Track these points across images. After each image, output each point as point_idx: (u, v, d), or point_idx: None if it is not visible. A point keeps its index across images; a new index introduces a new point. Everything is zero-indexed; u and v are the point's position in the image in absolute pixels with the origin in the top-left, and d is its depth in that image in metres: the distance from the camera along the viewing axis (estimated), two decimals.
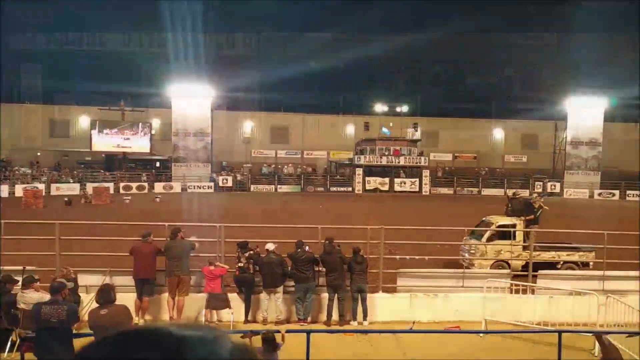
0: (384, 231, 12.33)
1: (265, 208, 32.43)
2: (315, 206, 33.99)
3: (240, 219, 25.82)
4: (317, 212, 30.04)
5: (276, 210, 30.78)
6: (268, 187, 48.93)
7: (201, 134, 49.68)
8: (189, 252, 10.87)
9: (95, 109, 51.40)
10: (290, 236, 18.15)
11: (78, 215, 26.56)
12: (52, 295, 6.84)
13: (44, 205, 31.10)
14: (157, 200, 36.29)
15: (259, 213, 29.15)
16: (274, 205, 35.40)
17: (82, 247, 15.76)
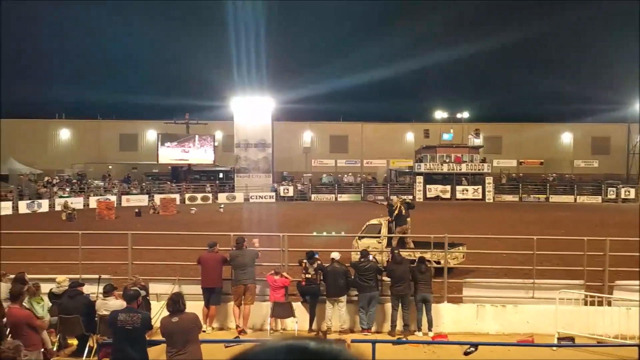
0: (447, 239, 12.10)
1: (327, 217, 32.49)
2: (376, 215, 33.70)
3: (302, 228, 26.01)
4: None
5: (337, 219, 30.77)
6: (328, 197, 49.09)
7: (262, 144, 50.54)
8: (254, 261, 11.04)
9: (161, 122, 53.40)
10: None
11: (147, 226, 27.55)
12: (127, 303, 7.13)
13: (115, 216, 32.50)
14: (221, 210, 37.15)
15: (321, 222, 29.22)
16: (334, 214, 35.43)
17: (152, 256, 16.37)
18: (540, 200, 47.98)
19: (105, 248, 14.53)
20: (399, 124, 61.51)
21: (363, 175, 54.27)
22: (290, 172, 57.25)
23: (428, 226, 27.27)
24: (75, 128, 59.44)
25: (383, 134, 60.33)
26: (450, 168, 49.06)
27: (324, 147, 60.31)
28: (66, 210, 32.38)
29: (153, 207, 36.53)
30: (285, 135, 57.77)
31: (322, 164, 57.05)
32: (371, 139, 60.33)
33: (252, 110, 49.99)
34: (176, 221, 30.82)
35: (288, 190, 48.72)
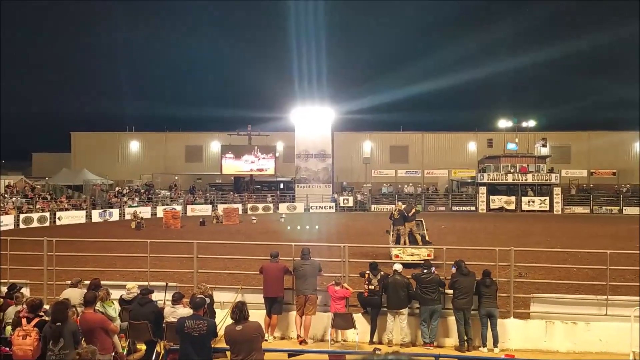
0: (513, 252, 11.73)
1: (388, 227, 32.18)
2: (437, 226, 33.23)
3: (363, 238, 25.92)
4: (440, 232, 29.34)
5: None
6: (388, 207, 48.63)
7: (322, 155, 50.88)
8: (316, 272, 11.09)
9: (225, 134, 54.80)
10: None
11: (211, 235, 28.27)
12: (194, 311, 7.33)
13: (181, 225, 33.54)
14: (282, 220, 37.59)
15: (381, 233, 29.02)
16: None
17: (216, 265, 16.80)
18: (613, 213, 45.69)
19: (171, 256, 15.02)
20: (461, 134, 60.48)
21: (424, 185, 53.56)
22: (350, 182, 57.27)
23: (492, 237, 26.60)
24: (143, 140, 62.02)
25: (444, 143, 59.45)
26: (515, 178, 47.80)
27: (384, 157, 60.04)
28: (135, 219, 33.70)
29: (216, 217, 37.43)
30: (345, 145, 57.93)
31: (382, 174, 56.75)
32: (432, 149, 59.55)
33: (313, 121, 50.48)
34: (238, 230, 31.44)
35: (348, 201, 48.74)
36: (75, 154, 60.79)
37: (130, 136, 62.32)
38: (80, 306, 8.50)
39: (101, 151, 59.49)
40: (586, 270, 15.45)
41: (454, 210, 47.61)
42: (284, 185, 55.45)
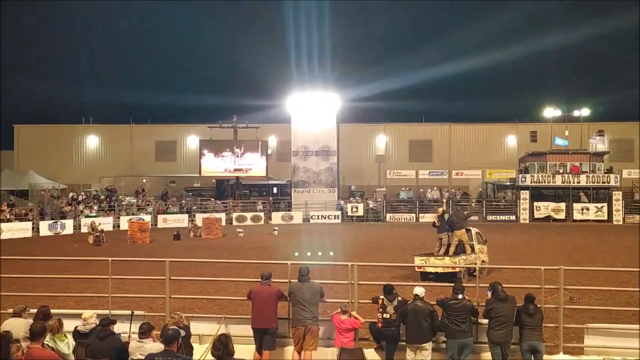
0: (563, 273, 11.71)
1: (406, 242, 32.21)
2: None
3: (375, 255, 25.91)
4: None
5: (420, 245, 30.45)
6: (407, 217, 48.74)
7: (325, 152, 50.90)
8: (318, 297, 11.07)
9: (204, 127, 54.82)
10: None
11: (188, 252, 28.24)
12: (166, 346, 7.32)
13: (150, 239, 33.56)
14: (276, 233, 37.59)
15: (396, 248, 29.03)
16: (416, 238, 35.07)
17: (194, 288, 16.80)
18: None
19: (138, 278, 15.03)
20: (498, 125, 60.47)
21: (451, 190, 53.52)
22: (360, 186, 57.25)
23: (537, 254, 26.58)
24: (104, 134, 62.16)
25: (477, 137, 59.47)
26: (565, 180, 47.86)
27: (401, 154, 60.06)
28: (93, 232, 33.75)
29: (194, 229, 37.45)
30: (353, 140, 57.93)
31: (400, 176, 56.57)
32: (462, 144, 59.55)
33: (313, 111, 50.54)
34: (222, 246, 31.45)
35: (357, 209, 48.76)
36: (19, 152, 60.99)
37: (88, 129, 62.50)
38: (26, 340, 8.49)
39: (51, 148, 59.62)
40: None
41: (489, 220, 47.55)
42: (278, 189, 55.43)
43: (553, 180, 48.21)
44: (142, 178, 56.16)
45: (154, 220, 43.32)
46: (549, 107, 54.01)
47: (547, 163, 49.01)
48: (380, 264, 20.69)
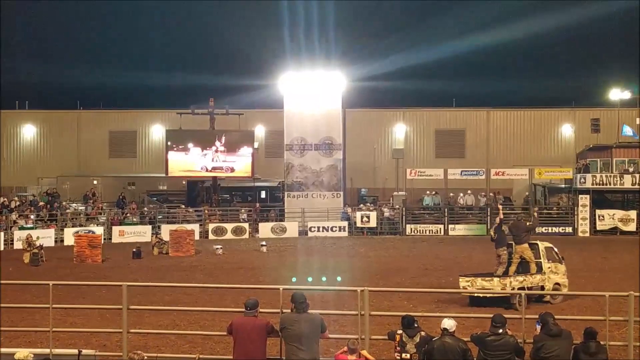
0: (633, 300, 11.70)
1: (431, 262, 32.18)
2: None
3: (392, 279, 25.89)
4: None
5: (450, 266, 30.44)
6: (434, 228, 48.57)
7: (328, 145, 50.84)
8: (318, 332, 11.06)
9: (172, 113, 54.77)
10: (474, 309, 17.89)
11: (151, 274, 28.24)
12: None
13: (103, 258, 33.47)
14: (264, 249, 37.55)
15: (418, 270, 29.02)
16: (444, 256, 35.03)
17: (160, 320, 16.77)
18: None
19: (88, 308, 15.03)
20: (549, 110, 60.43)
21: (490, 194, 53.48)
22: (373, 189, 57.25)
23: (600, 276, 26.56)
24: (43, 123, 62.07)
25: (523, 127, 59.39)
26: (636, 182, 47.62)
27: (426, 148, 60.04)
28: (30, 249, 33.64)
29: (160, 245, 37.40)
30: (364, 130, 57.90)
31: (424, 176, 56.57)
32: (503, 136, 59.49)
33: (313, 93, 50.49)
34: (195, 266, 31.39)
35: (369, 219, 48.68)
36: None
37: (22, 116, 62.46)
38: None
39: None
40: None
41: (539, 232, 47.37)
42: (267, 193, 55.38)
43: (621, 181, 47.80)
44: (93, 179, 56.11)
45: (107, 233, 43.24)
46: (616, 87, 53.85)
47: (613, 159, 48.72)
48: (399, 289, 20.71)
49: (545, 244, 22.05)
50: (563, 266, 21.64)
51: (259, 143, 56.45)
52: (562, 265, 21.61)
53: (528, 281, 20.35)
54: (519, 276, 20.39)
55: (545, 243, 22.29)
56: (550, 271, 21.10)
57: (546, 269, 20.98)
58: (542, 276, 20.76)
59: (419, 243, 43.15)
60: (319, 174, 50.85)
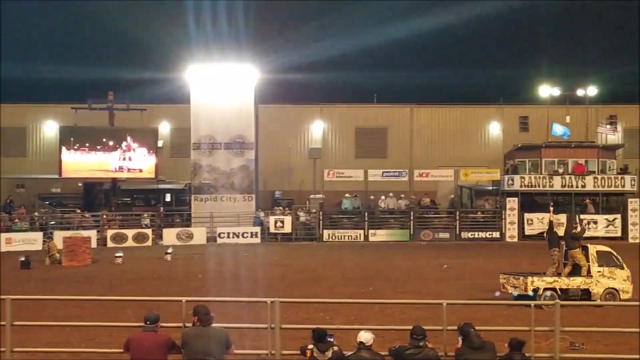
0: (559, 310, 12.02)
1: (351, 270, 32.36)
2: (435, 266, 33.63)
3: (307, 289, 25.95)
4: (438, 276, 29.67)
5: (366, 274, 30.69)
6: (353, 234, 48.87)
7: (239, 144, 50.72)
8: (223, 348, 11.01)
9: (66, 107, 53.73)
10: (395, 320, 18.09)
11: (42, 286, 27.61)
12: None
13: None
14: (169, 258, 37.22)
15: (337, 279, 29.17)
16: (365, 264, 35.27)
17: (50, 338, 16.38)
18: None
19: None
20: (475, 108, 61.41)
21: (413, 197, 54.12)
22: (288, 191, 57.19)
23: None
24: None
25: (448, 124, 60.18)
26: (565, 184, 48.80)
27: (345, 147, 60.29)
28: None
29: (51, 253, 36.68)
30: (278, 128, 57.86)
31: (343, 178, 56.94)
32: (428, 134, 60.17)
33: (223, 87, 50.27)
34: (92, 277, 30.82)
35: (283, 224, 48.70)
36: None
37: None
38: None
39: None
40: None
41: (465, 238, 48.23)
42: (173, 196, 54.88)
43: (550, 183, 48.97)
44: None
45: None
46: (546, 84, 54.98)
47: (543, 160, 49.72)
48: (314, 300, 20.71)
49: (598, 248, 23.20)
50: (624, 271, 22.35)
51: (164, 141, 55.84)
52: (622, 271, 22.34)
53: (562, 283, 21.81)
54: (547, 277, 22.13)
55: (599, 247, 23.55)
56: (601, 275, 22.02)
57: (595, 272, 21.96)
58: (586, 279, 21.87)
59: (337, 250, 43.34)
60: (230, 175, 50.70)
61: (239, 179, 50.83)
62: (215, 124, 50.49)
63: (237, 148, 50.79)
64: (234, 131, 50.65)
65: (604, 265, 22.19)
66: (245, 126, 50.97)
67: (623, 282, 22.10)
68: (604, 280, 21.90)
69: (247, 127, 51.03)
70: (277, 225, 48.70)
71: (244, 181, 50.94)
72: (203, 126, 50.62)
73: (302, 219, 50.08)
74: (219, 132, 50.56)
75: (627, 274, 22.24)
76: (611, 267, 22.25)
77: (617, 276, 22.14)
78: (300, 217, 50.21)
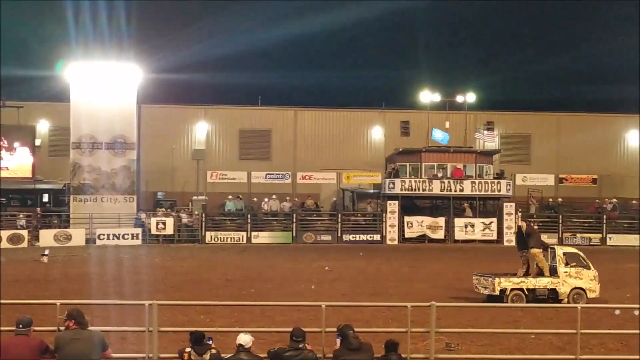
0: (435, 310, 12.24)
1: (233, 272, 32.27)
2: (316, 268, 33.83)
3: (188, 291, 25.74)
4: (320, 278, 29.85)
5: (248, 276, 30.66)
6: (235, 236, 48.73)
7: (121, 144, 49.92)
8: (99, 352, 10.81)
9: None
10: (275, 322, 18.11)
11: None
12: None
13: None
14: (45, 260, 36.25)
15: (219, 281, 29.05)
16: (248, 266, 35.21)
17: None
18: (592, 243, 49.31)
19: None
20: (358, 112, 62.14)
21: (296, 199, 54.33)
22: (171, 193, 56.61)
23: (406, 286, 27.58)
24: None
25: (331, 127, 60.64)
26: (445, 187, 49.83)
27: (229, 149, 60.09)
28: None
29: None
30: (161, 129, 57.21)
31: (226, 179, 56.82)
32: (311, 137, 60.49)
33: (104, 85, 49.36)
34: None
35: (165, 225, 48.18)
36: None
37: None
38: None
39: None
40: (549, 336, 16.52)
41: (346, 240, 48.67)
42: (50, 197, 53.50)
43: (430, 187, 49.77)
44: None
45: None
46: (426, 89, 55.98)
47: (423, 164, 50.54)
48: (194, 302, 20.53)
49: (566, 249, 24.61)
50: (591, 271, 23.12)
51: (42, 140, 54.49)
52: (589, 271, 23.13)
53: (529, 283, 22.73)
54: (514, 278, 22.92)
55: (566, 248, 25.38)
56: (568, 275, 22.83)
57: (562, 273, 22.79)
58: (553, 280, 22.80)
59: (219, 252, 43.15)
60: (111, 175, 49.84)
61: (120, 180, 50.01)
62: (96, 123, 49.47)
63: (118, 148, 49.96)
64: (116, 131, 49.80)
65: (571, 266, 23.13)
66: (127, 126, 50.19)
67: (590, 281, 23.07)
68: (571, 280, 22.87)
69: (129, 127, 50.25)
70: (159, 226, 48.14)
71: (126, 182, 50.15)
72: (83, 125, 49.54)
73: (184, 220, 49.68)
74: (100, 131, 49.60)
75: (594, 273, 23.21)
76: (578, 268, 23.20)
77: (584, 276, 23.12)
78: (183, 218, 49.80)
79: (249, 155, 59.57)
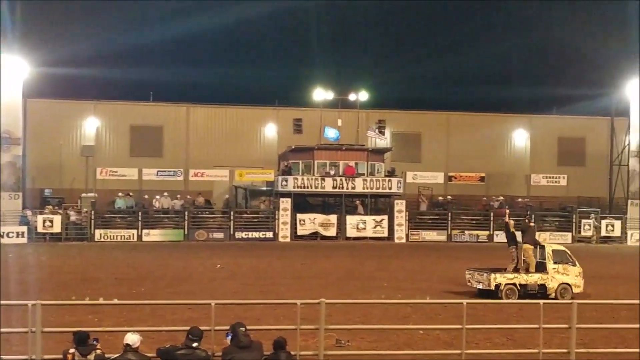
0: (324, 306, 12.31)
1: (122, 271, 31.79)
2: (209, 266, 33.68)
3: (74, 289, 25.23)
4: (212, 276, 29.72)
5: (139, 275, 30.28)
6: (126, 233, 48.03)
7: (6, 140, 48.49)
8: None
9: None
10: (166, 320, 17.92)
11: None
12: None
13: None
14: None
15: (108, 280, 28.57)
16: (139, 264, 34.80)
17: None
18: (480, 240, 50.54)
19: None
20: (251, 109, 62.05)
21: (188, 196, 53.89)
22: (59, 189, 55.34)
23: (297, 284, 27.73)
24: None
25: (224, 124, 60.41)
26: (337, 185, 50.19)
27: (120, 146, 59.12)
28: None
29: None
30: (49, 124, 55.91)
31: (116, 176, 55.77)
32: (204, 134, 60.11)
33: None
34: None
35: (52, 223, 47.07)
36: None
37: None
38: None
39: None
40: (437, 332, 16.85)
41: (239, 238, 48.56)
42: None
43: (322, 184, 50.08)
44: None
45: None
46: (318, 87, 56.20)
47: (315, 162, 50.90)
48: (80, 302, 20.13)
49: (554, 247, 25.97)
50: (576, 268, 24.54)
51: None
52: (574, 267, 24.54)
53: (521, 279, 24.05)
54: (508, 274, 24.26)
55: (555, 246, 26.56)
56: (556, 272, 24.23)
57: (550, 269, 24.20)
58: (543, 275, 24.17)
59: (109, 250, 42.44)
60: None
61: (4, 176, 48.55)
62: None
63: (3, 143, 48.48)
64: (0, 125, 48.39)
65: (558, 263, 24.41)
66: (12, 121, 48.68)
67: (575, 277, 24.48)
68: (558, 276, 24.28)
69: (14, 122, 48.78)
70: (46, 224, 46.99)
71: (10, 178, 48.73)
72: None
73: (72, 218, 48.61)
74: None
75: (579, 270, 24.57)
76: (565, 265, 24.52)
77: (570, 272, 24.50)
78: (71, 216, 48.72)
79: (140, 151, 58.69)
